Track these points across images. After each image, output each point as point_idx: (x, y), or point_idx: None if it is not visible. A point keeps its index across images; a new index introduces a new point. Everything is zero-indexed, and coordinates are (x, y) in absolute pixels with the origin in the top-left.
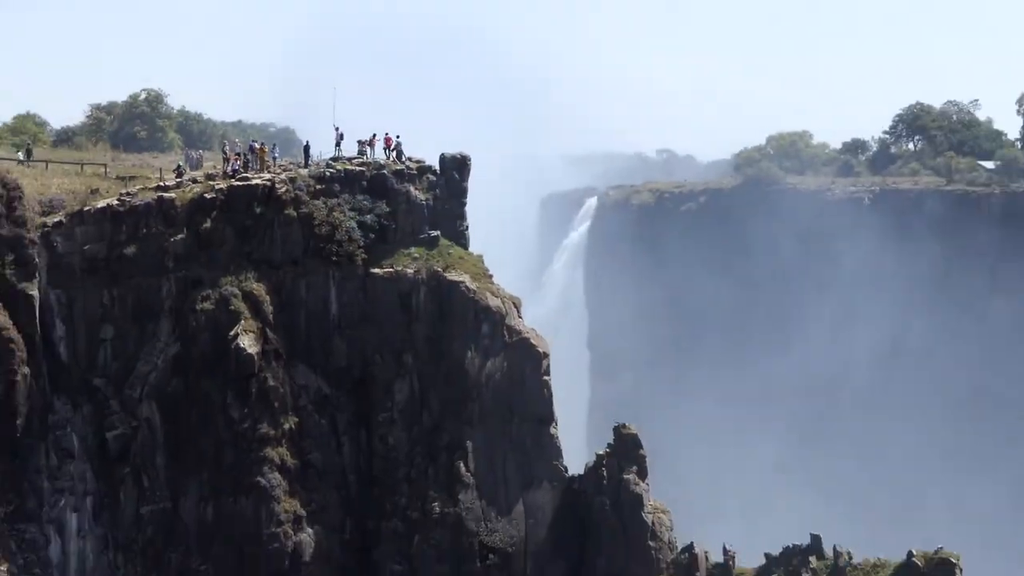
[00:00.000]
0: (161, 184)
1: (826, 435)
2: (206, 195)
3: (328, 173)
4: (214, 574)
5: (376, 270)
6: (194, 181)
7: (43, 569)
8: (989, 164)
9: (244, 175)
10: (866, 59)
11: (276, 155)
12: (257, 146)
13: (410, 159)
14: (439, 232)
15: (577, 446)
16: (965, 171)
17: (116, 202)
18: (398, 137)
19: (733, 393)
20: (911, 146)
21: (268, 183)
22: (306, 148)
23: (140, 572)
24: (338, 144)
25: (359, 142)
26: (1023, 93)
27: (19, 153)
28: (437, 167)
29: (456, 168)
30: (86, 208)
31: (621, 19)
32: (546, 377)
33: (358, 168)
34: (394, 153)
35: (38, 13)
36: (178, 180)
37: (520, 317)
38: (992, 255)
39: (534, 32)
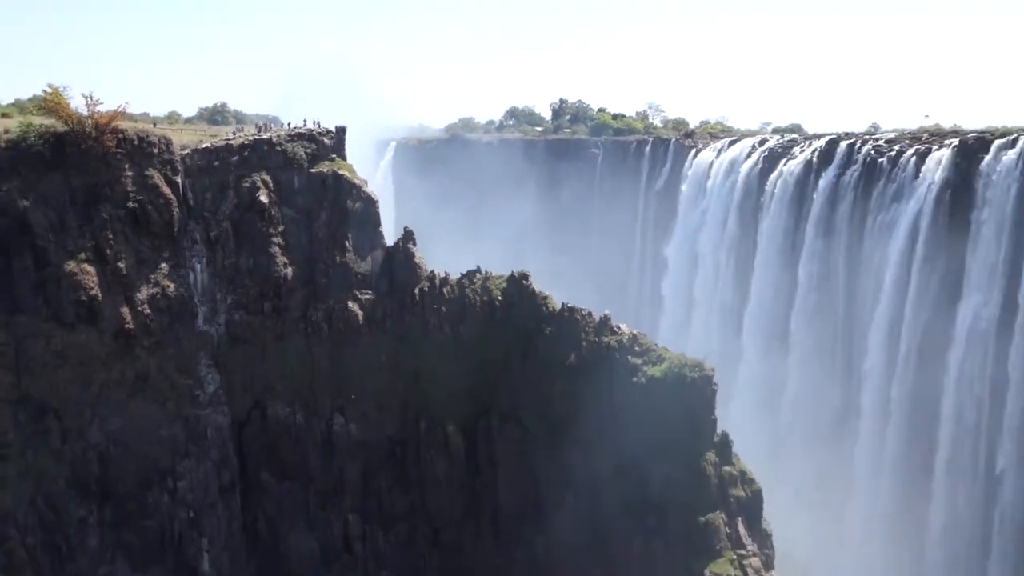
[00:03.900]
0: (227, 138)
1: (502, 225)
2: (244, 142)
3: (293, 133)
4: (252, 285)
5: (312, 170)
6: (240, 137)
7: (186, 285)
8: (539, 128)
9: (260, 135)
10: (499, 77)
11: (272, 126)
12: (264, 123)
13: (324, 129)
14: (335, 156)
15: (391, 236)
16: (532, 132)
17: (209, 145)
18: (316, 121)
19: (459, 224)
20: (512, 122)
21: (268, 137)
22: (289, 124)
23: (226, 283)
24: (286, 126)
25: (304, 121)
26: (559, 99)
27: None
28: (334, 131)
29: (341, 131)
30: (197, 147)
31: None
32: (378, 211)
33: (305, 131)
34: (317, 126)
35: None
36: (235, 137)
37: (367, 189)
38: (539, 165)
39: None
